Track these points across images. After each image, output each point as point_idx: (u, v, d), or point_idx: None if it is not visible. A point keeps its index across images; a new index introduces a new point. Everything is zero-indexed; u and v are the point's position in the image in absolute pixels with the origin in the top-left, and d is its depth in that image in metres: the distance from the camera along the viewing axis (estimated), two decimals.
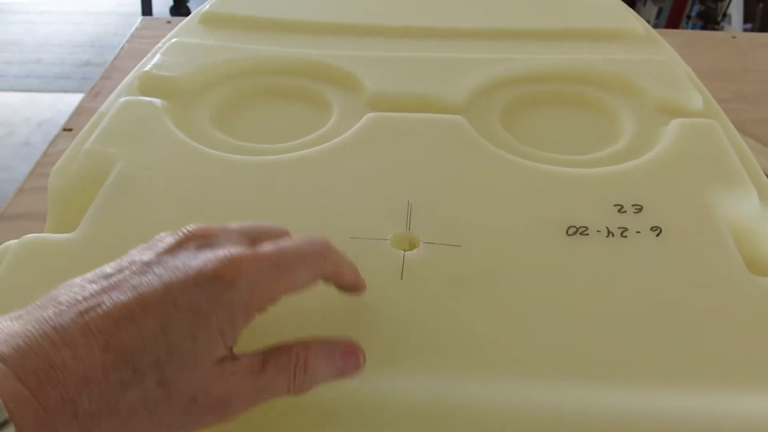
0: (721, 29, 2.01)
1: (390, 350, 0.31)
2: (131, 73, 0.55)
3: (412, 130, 0.46)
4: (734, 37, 1.00)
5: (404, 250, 0.36)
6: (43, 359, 0.22)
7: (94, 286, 0.25)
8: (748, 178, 0.41)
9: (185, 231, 0.28)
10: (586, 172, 0.42)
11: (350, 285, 0.32)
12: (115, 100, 0.50)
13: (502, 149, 0.44)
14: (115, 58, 0.95)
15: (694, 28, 2.09)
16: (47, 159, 0.76)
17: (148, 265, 0.26)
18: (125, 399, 0.23)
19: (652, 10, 2.19)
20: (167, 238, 0.28)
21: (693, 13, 2.09)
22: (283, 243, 0.29)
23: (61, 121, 0.84)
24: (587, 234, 0.37)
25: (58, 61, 2.65)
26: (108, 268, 0.27)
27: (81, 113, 0.83)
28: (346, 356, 0.29)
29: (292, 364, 0.27)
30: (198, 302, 0.25)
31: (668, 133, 0.45)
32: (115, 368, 0.23)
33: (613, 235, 0.37)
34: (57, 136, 0.80)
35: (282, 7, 0.65)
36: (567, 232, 0.37)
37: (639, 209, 0.39)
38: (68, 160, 0.45)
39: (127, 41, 0.99)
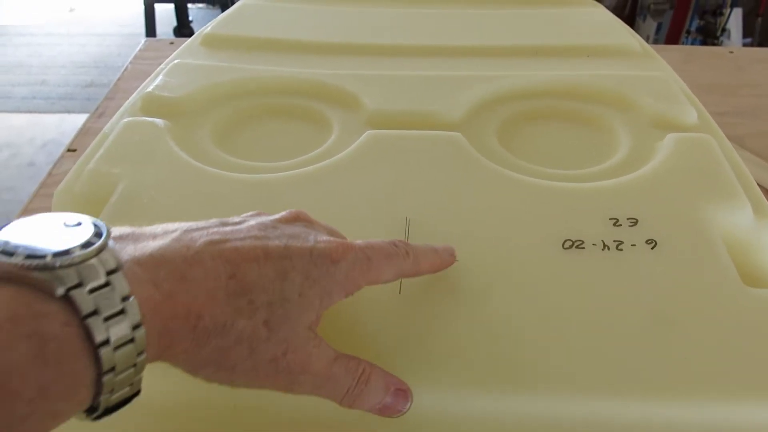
0: (721, 44, 2.02)
1: (388, 363, 0.31)
2: (134, 94, 0.56)
3: (410, 146, 0.46)
4: (732, 52, 1.01)
5: None
6: (176, 270, 0.24)
7: (223, 228, 0.28)
8: (742, 191, 0.41)
9: (291, 211, 0.32)
10: (582, 186, 0.43)
11: (434, 272, 0.35)
12: (118, 121, 0.51)
13: (499, 165, 0.45)
14: (118, 79, 0.96)
15: (693, 43, 2.10)
16: (52, 179, 0.76)
17: (267, 225, 0.30)
18: (236, 326, 0.25)
19: (652, 25, 2.20)
20: (263, 218, 0.31)
21: (692, 28, 2.10)
22: (373, 241, 0.32)
23: (66, 141, 0.85)
24: (583, 247, 0.38)
25: (63, 82, 2.68)
26: (230, 219, 0.30)
27: (85, 134, 0.84)
28: (398, 393, 0.30)
29: (359, 372, 0.29)
30: (310, 268, 0.28)
31: (663, 147, 0.46)
32: (235, 295, 0.25)
33: (608, 249, 0.38)
34: (61, 157, 0.80)
35: (282, 28, 0.66)
36: (563, 245, 0.38)
37: (634, 222, 0.39)
38: (72, 181, 0.45)
39: (131, 62, 1.01)
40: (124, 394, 0.23)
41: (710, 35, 2.05)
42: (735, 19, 2.03)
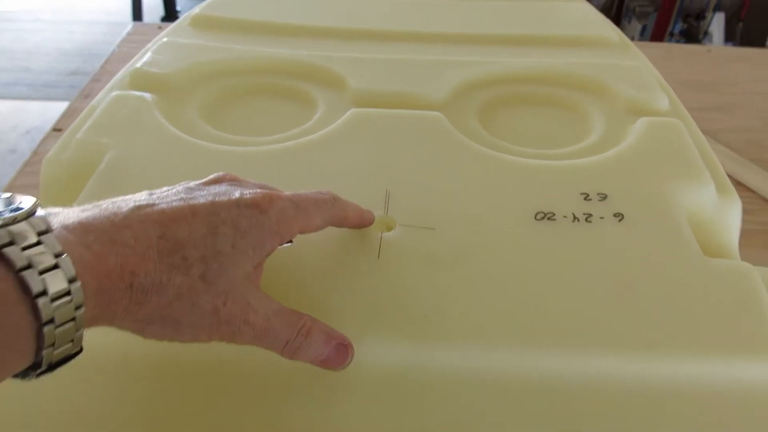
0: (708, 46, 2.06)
1: (367, 321, 0.33)
2: (122, 71, 0.57)
3: (392, 124, 0.48)
4: (710, 50, 1.04)
5: (381, 232, 0.38)
6: (105, 234, 0.26)
7: (150, 196, 0.29)
8: (707, 172, 0.43)
9: (217, 174, 0.34)
10: (556, 164, 0.44)
11: (357, 225, 0.38)
12: (106, 95, 0.52)
13: (478, 143, 0.47)
14: (105, 62, 0.97)
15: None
16: (36, 158, 0.77)
17: (192, 188, 0.31)
18: (173, 282, 0.27)
19: (637, 27, 2.24)
20: (187, 183, 0.32)
21: (676, 31, 2.14)
22: (300, 192, 0.34)
23: (49, 128, 0.85)
24: (554, 219, 0.40)
25: (47, 69, 2.67)
26: (158, 190, 0.31)
27: (71, 115, 0.85)
28: (339, 348, 0.31)
29: (299, 325, 0.30)
30: (238, 219, 0.29)
31: (634, 130, 0.48)
32: (168, 253, 0.27)
33: (578, 221, 0.40)
34: (47, 136, 0.81)
35: (270, 11, 0.68)
36: (535, 217, 0.40)
37: (603, 197, 0.41)
38: (60, 150, 0.47)
39: (118, 46, 1.01)
40: (66, 350, 0.24)
41: (693, 38, 2.09)
42: (717, 23, 2.07)
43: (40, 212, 0.24)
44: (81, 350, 0.25)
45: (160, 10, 2.79)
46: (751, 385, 0.32)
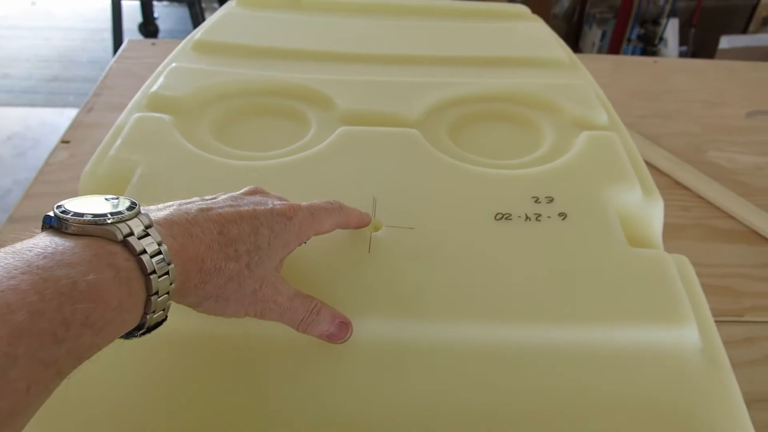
0: (659, 51, 2.18)
1: (361, 303, 0.42)
2: (139, 92, 0.65)
3: (376, 140, 0.57)
4: (655, 61, 1.14)
5: (371, 232, 0.47)
6: (183, 228, 0.34)
7: (205, 202, 0.38)
8: (635, 176, 0.53)
9: (250, 187, 0.44)
10: (512, 173, 0.54)
11: (358, 226, 0.47)
12: (128, 116, 0.60)
13: (448, 156, 0.56)
14: (105, 77, 1.04)
15: (634, 49, 2.25)
16: (48, 168, 0.85)
17: (236, 197, 0.40)
18: (228, 268, 0.35)
19: (597, 33, 2.36)
20: (231, 193, 0.42)
21: (633, 36, 2.26)
22: (314, 201, 0.43)
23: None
24: (511, 219, 0.49)
25: (27, 76, 2.70)
26: (206, 197, 0.40)
27: (77, 127, 0.92)
28: (341, 326, 0.41)
29: (311, 306, 0.39)
30: (273, 224, 0.38)
31: (578, 142, 0.58)
32: (225, 245, 0.35)
33: (530, 220, 0.49)
34: (56, 148, 0.89)
35: (263, 36, 0.76)
36: (495, 217, 0.49)
37: (551, 200, 0.51)
38: (95, 165, 0.55)
39: (115, 61, 1.09)
40: (159, 317, 0.31)
41: (649, 43, 2.20)
42: (672, 29, 2.19)
43: (142, 210, 0.32)
44: (166, 318, 0.33)
45: (138, 17, 2.84)
46: (663, 345, 0.42)
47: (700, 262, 0.49)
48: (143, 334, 0.32)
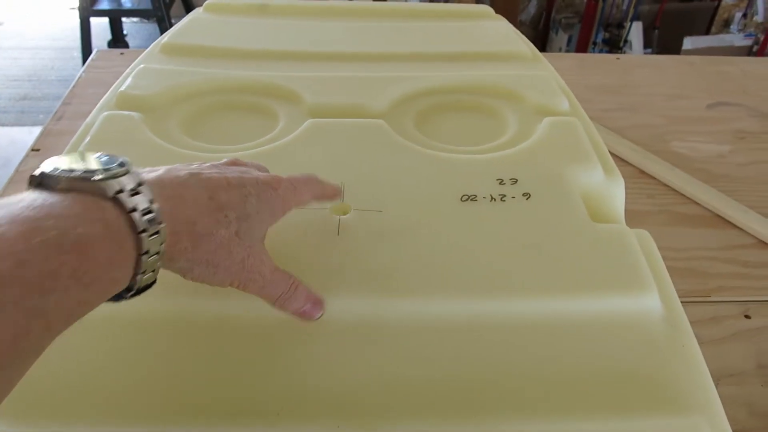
0: (623, 53, 2.22)
1: (330, 283, 0.43)
2: (107, 93, 0.66)
3: (343, 131, 0.58)
4: (618, 58, 1.17)
5: (339, 215, 0.48)
6: (174, 190, 0.34)
7: (194, 166, 0.38)
8: (596, 157, 0.55)
9: (228, 158, 0.45)
10: (477, 157, 0.55)
11: (332, 198, 0.47)
12: (97, 116, 0.61)
13: (414, 143, 0.57)
14: (74, 86, 1.04)
15: (600, 53, 2.30)
16: (19, 176, 0.85)
17: (219, 165, 0.41)
18: (219, 233, 0.35)
19: (563, 37, 2.40)
20: (213, 162, 0.42)
21: (599, 40, 2.31)
22: (294, 175, 0.44)
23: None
24: (476, 200, 0.50)
25: None
26: (193, 164, 0.39)
27: (47, 135, 0.92)
28: (315, 303, 0.41)
29: (290, 282, 0.40)
30: (260, 193, 0.39)
31: (540, 128, 0.59)
32: (216, 210, 0.35)
33: (495, 200, 0.50)
34: (26, 156, 0.89)
35: (230, 38, 0.77)
36: (461, 199, 0.50)
37: (515, 181, 0.52)
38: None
39: (84, 71, 1.09)
40: (149, 278, 0.31)
41: (614, 46, 2.25)
42: (636, 31, 2.24)
43: (133, 168, 0.31)
44: (155, 281, 0.32)
45: (107, 34, 2.83)
46: (627, 314, 0.43)
47: (666, 246, 0.50)
48: (133, 295, 0.32)
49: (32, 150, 0.89)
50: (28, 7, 3.46)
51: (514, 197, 0.51)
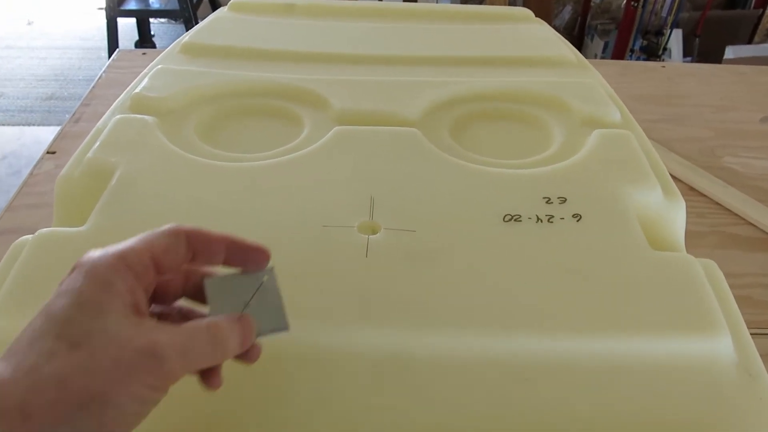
0: (662, 62, 2.15)
1: (355, 311, 0.38)
2: (122, 95, 0.62)
3: (373, 140, 0.53)
4: (663, 66, 1.11)
5: (368, 235, 0.43)
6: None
7: None
8: (653, 175, 0.49)
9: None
10: (521, 172, 0.50)
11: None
12: (109, 118, 0.56)
13: (450, 155, 0.52)
14: (93, 87, 1.01)
15: (638, 60, 2.23)
16: (33, 179, 0.81)
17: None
18: (52, 367, 0.25)
19: (599, 44, 2.33)
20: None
21: (636, 47, 2.23)
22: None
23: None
24: (520, 220, 0.45)
25: (22, 95, 2.68)
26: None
27: (63, 137, 0.89)
28: (245, 334, 0.31)
29: (204, 329, 0.29)
30: (50, 301, 0.28)
31: (590, 141, 0.54)
32: (17, 356, 0.25)
33: (541, 221, 0.45)
34: (41, 159, 0.85)
35: (254, 38, 0.73)
36: (504, 219, 0.45)
37: (563, 200, 0.47)
38: (72, 168, 0.51)
39: (105, 71, 1.05)
40: None
41: (653, 54, 2.18)
42: (675, 39, 2.17)
43: None
44: None
45: (134, 35, 2.82)
46: (694, 358, 0.37)
47: None
48: None
49: (48, 153, 0.86)
50: (57, 6, 3.46)
51: (562, 218, 0.45)
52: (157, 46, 2.86)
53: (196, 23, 2.50)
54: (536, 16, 0.88)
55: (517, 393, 0.35)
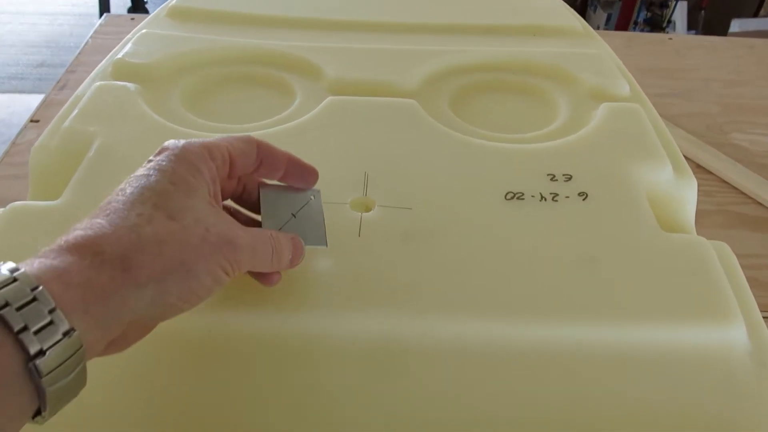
0: (666, 34, 2.11)
1: (347, 293, 0.36)
2: (103, 61, 0.58)
3: (368, 111, 0.50)
4: (671, 38, 1.07)
5: (361, 212, 0.41)
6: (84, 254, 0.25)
7: None
8: (664, 152, 0.47)
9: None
10: (524, 147, 0.47)
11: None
12: (89, 85, 0.53)
13: (450, 128, 0.49)
14: (79, 53, 0.97)
15: (642, 32, 2.18)
16: (15, 149, 0.78)
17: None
18: (144, 234, 0.27)
19: (602, 15, 2.29)
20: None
21: (640, 19, 2.19)
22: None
23: (16, 121, 0.86)
24: (523, 198, 0.42)
25: (13, 62, 2.63)
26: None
27: (48, 105, 0.85)
28: (295, 247, 0.35)
29: (267, 232, 0.33)
30: (159, 165, 0.31)
31: (597, 115, 0.51)
32: (119, 218, 0.27)
33: (545, 200, 0.42)
34: (24, 128, 0.82)
35: (244, 2, 0.69)
36: (505, 197, 0.42)
37: (569, 178, 0.44)
38: (48, 138, 0.48)
39: (92, 37, 1.02)
40: (58, 357, 0.23)
41: (657, 26, 2.14)
42: (680, 12, 2.12)
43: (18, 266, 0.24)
44: (84, 382, 0.25)
45: (127, 1, 2.76)
46: (705, 346, 0.35)
47: None
48: (51, 409, 0.23)
49: (31, 121, 0.83)
50: None
51: (568, 197, 0.43)
52: (150, 12, 2.80)
53: None
54: None
55: (518, 382, 0.33)
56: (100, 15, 2.45)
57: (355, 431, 0.31)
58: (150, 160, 0.31)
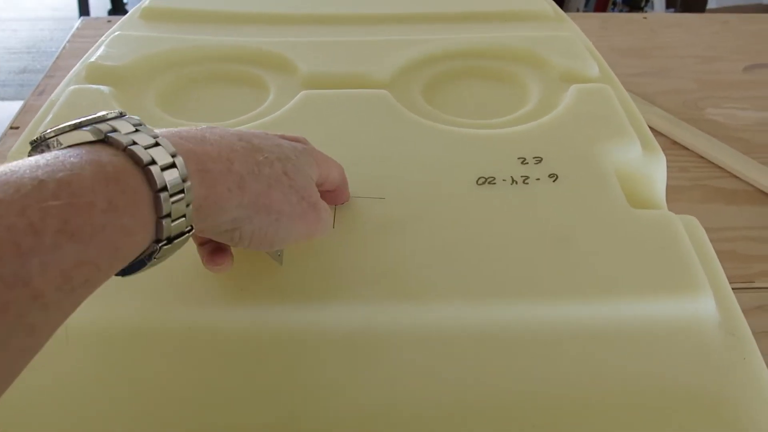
0: (646, 13, 2.11)
1: (323, 285, 0.36)
2: (77, 65, 0.59)
3: (342, 103, 0.51)
4: (645, 17, 1.08)
5: (335, 204, 0.41)
6: (195, 136, 0.29)
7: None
8: (633, 131, 0.47)
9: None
10: (495, 132, 0.48)
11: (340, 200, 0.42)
12: (63, 90, 0.54)
13: (422, 117, 0.50)
14: (57, 58, 0.97)
15: (620, 13, 2.19)
16: None
17: None
18: (263, 172, 0.31)
19: None
20: None
21: (619, 0, 2.20)
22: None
23: (4, 126, 0.86)
24: (494, 183, 0.43)
25: None
26: None
27: (27, 111, 0.85)
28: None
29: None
30: (292, 146, 0.35)
31: (567, 96, 0.51)
32: (251, 151, 0.31)
33: (516, 183, 0.43)
34: (4, 134, 0.82)
35: (216, 1, 0.69)
36: (477, 182, 0.43)
37: (539, 160, 0.45)
38: (23, 145, 0.48)
39: (69, 41, 1.02)
40: (180, 226, 0.26)
41: (635, 6, 2.14)
42: None
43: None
44: (192, 229, 0.27)
45: (107, 4, 2.74)
46: (676, 319, 0.36)
47: (702, 226, 0.43)
48: (165, 246, 0.26)
49: (11, 128, 0.83)
50: None
51: (538, 179, 0.43)
52: None
53: None
54: None
55: (495, 363, 0.34)
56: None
57: (339, 420, 0.32)
58: (277, 137, 0.35)
